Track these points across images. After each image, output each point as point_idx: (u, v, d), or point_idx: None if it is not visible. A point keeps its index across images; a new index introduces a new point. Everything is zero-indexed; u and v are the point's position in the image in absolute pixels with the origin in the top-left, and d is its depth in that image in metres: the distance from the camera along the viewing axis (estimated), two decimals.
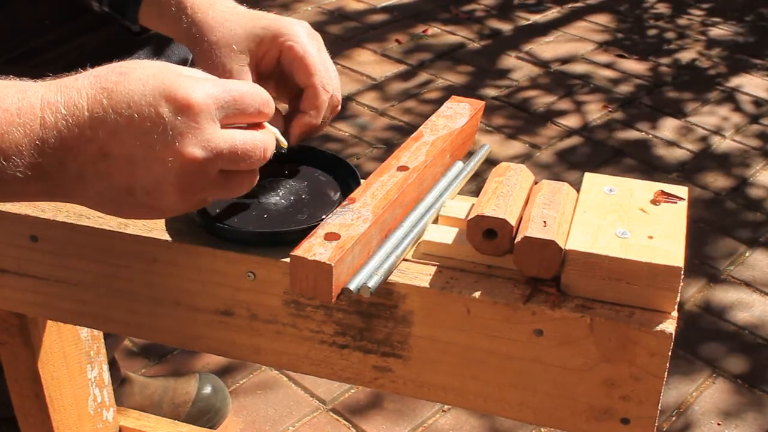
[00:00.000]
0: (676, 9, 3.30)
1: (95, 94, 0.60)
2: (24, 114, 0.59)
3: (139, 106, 0.59)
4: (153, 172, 0.60)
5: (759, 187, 2.25)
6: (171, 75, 0.62)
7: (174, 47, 1.08)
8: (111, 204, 0.63)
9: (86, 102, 0.60)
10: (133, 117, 0.59)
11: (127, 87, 0.60)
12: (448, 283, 0.68)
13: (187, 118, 0.60)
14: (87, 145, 0.59)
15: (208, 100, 0.61)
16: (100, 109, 0.59)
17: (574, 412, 0.69)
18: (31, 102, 0.59)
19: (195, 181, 0.62)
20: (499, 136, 2.43)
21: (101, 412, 1.09)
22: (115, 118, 0.59)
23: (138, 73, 0.61)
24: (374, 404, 1.57)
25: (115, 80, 0.60)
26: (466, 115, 0.82)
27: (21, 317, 0.92)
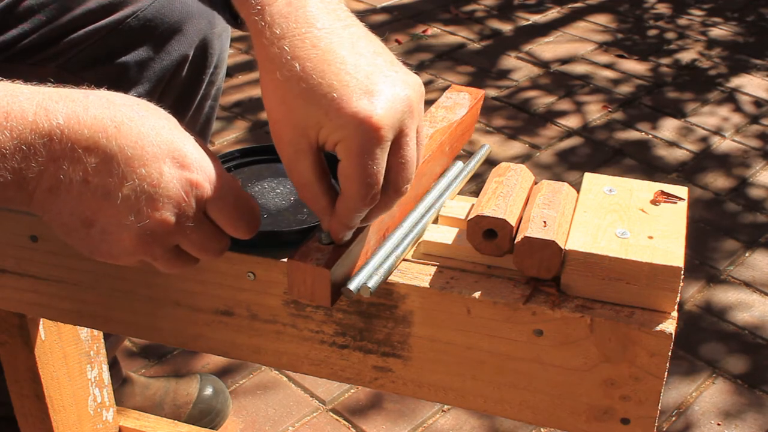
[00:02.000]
0: (677, 9, 3.30)
1: (104, 119, 0.58)
2: (12, 118, 0.57)
3: (145, 151, 0.58)
4: (122, 217, 0.59)
5: (759, 188, 2.25)
6: (186, 140, 0.61)
7: (174, 43, 1.08)
8: (62, 227, 0.61)
9: (91, 122, 0.58)
10: (133, 159, 0.58)
11: (140, 128, 0.59)
12: (448, 283, 0.68)
13: (181, 188, 0.59)
14: (73, 164, 0.58)
15: (207, 185, 0.60)
16: (103, 137, 0.58)
17: (574, 412, 0.69)
18: (23, 107, 0.58)
19: (152, 243, 0.60)
20: (500, 137, 2.43)
21: (101, 412, 1.09)
22: (116, 151, 0.58)
23: (154, 121, 0.60)
24: (374, 404, 1.57)
25: (130, 116, 0.59)
26: (466, 106, 0.81)
27: (21, 317, 0.92)
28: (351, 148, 0.59)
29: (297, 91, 0.60)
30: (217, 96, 1.22)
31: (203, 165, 0.61)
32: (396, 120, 0.60)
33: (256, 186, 0.77)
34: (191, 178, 0.60)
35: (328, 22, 0.61)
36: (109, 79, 1.06)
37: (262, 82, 0.63)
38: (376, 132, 0.59)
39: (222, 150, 2.25)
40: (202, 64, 1.13)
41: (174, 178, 0.59)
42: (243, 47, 2.85)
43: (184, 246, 0.62)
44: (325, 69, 0.60)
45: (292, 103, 0.60)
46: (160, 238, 0.60)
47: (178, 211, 0.59)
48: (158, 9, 1.06)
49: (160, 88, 1.09)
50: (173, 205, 0.59)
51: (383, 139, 0.59)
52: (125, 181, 0.58)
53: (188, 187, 0.60)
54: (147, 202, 0.58)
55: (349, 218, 0.62)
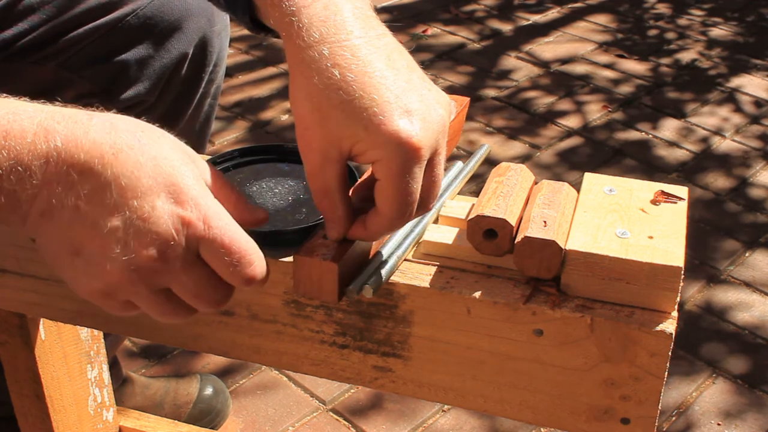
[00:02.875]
0: (677, 9, 3.30)
1: (103, 145, 0.56)
2: (11, 137, 0.55)
3: (140, 183, 0.56)
4: (109, 249, 0.56)
5: (759, 188, 2.25)
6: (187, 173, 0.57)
7: (174, 41, 1.08)
8: (50, 254, 0.59)
9: (89, 146, 0.56)
10: (127, 190, 0.55)
11: (138, 157, 0.56)
12: (449, 283, 0.68)
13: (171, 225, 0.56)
14: (66, 189, 0.56)
15: (200, 225, 0.57)
16: (99, 163, 0.55)
17: (574, 412, 0.69)
18: (23, 126, 0.56)
19: (136, 281, 0.57)
20: (500, 137, 2.43)
21: (101, 412, 1.09)
22: (110, 179, 0.55)
23: (156, 150, 0.57)
24: (374, 404, 1.57)
25: (131, 143, 0.56)
26: (453, 112, 0.82)
27: (21, 317, 0.92)
28: (391, 168, 0.59)
29: (336, 101, 0.59)
30: (217, 94, 1.22)
31: (200, 203, 0.57)
32: (433, 140, 0.60)
33: (255, 186, 0.77)
34: (184, 215, 0.56)
35: (364, 31, 0.61)
36: (109, 78, 1.06)
37: (293, 86, 0.61)
38: (416, 152, 0.59)
39: (222, 150, 2.25)
40: (201, 63, 1.13)
41: (166, 214, 0.56)
42: (243, 47, 2.85)
43: (175, 290, 0.59)
44: (365, 81, 0.59)
45: (330, 112, 0.59)
46: (145, 276, 0.57)
47: (166, 250, 0.56)
48: (158, 7, 1.06)
49: (159, 86, 1.09)
50: (161, 242, 0.56)
51: (422, 159, 0.59)
52: (116, 212, 0.55)
53: (179, 225, 0.56)
54: (135, 235, 0.56)
55: (378, 234, 0.63)
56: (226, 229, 0.58)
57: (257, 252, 0.59)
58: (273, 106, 2.53)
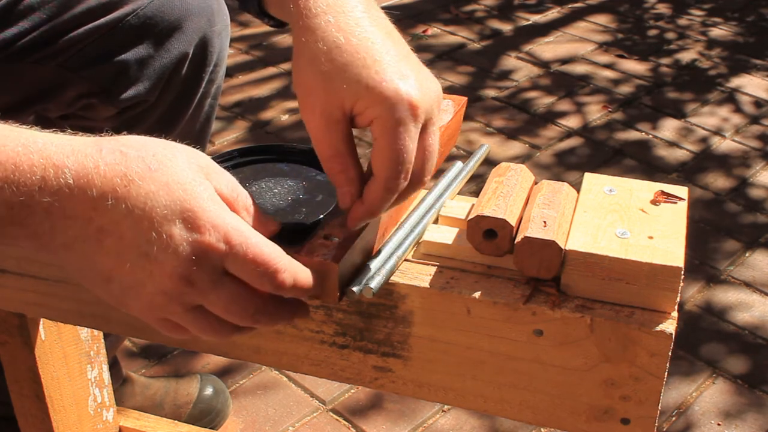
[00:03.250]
0: (677, 9, 3.30)
1: (113, 179, 0.56)
2: (20, 172, 0.55)
3: (154, 212, 0.56)
4: (137, 276, 0.57)
5: (759, 188, 2.25)
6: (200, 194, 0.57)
7: (174, 41, 1.07)
8: (84, 280, 0.60)
9: (100, 182, 0.56)
10: (143, 221, 0.56)
11: (150, 186, 0.56)
12: (448, 283, 0.68)
13: (191, 252, 0.56)
14: (84, 224, 0.56)
15: (222, 246, 0.57)
16: (113, 197, 0.56)
17: (574, 412, 0.69)
18: (32, 160, 0.55)
19: (169, 302, 0.58)
20: (500, 137, 2.43)
21: (101, 412, 1.09)
22: (125, 213, 0.56)
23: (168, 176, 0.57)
24: (374, 404, 1.57)
25: (142, 173, 0.56)
26: (450, 112, 0.82)
27: (21, 317, 0.91)
28: (389, 122, 0.61)
29: (340, 62, 0.62)
30: (217, 94, 1.22)
31: (217, 223, 0.57)
32: (428, 105, 0.63)
33: (254, 186, 0.77)
34: (203, 240, 0.56)
35: (367, 8, 0.65)
36: (109, 77, 1.06)
37: (297, 55, 0.64)
38: (414, 109, 0.61)
39: (222, 150, 2.25)
40: (201, 62, 1.13)
41: (184, 242, 0.56)
42: (243, 47, 2.85)
43: (208, 307, 0.59)
44: (368, 46, 0.62)
45: (333, 72, 0.62)
46: (177, 298, 0.58)
47: (189, 275, 0.57)
48: (158, 7, 1.05)
49: (160, 86, 1.09)
50: (184, 268, 0.56)
51: (418, 117, 0.62)
52: (135, 244, 0.56)
53: (199, 251, 0.57)
54: (157, 265, 0.56)
55: (376, 203, 0.63)
56: (247, 243, 0.58)
57: (283, 257, 0.59)
58: (273, 106, 2.53)
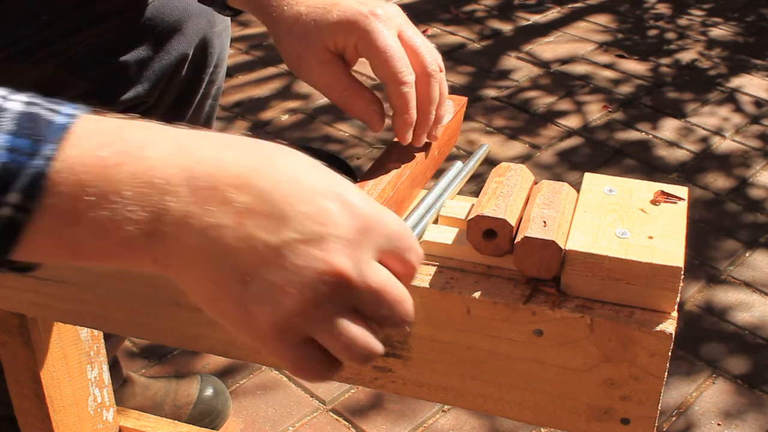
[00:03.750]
0: (677, 9, 3.30)
1: (250, 156, 0.50)
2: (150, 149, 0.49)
3: (304, 185, 0.50)
4: (284, 265, 0.48)
5: (759, 188, 2.25)
6: (340, 177, 0.52)
7: (174, 42, 1.08)
8: (208, 286, 0.50)
9: (237, 158, 0.50)
10: (292, 195, 0.49)
11: (293, 162, 0.51)
12: (448, 283, 0.68)
13: (353, 226, 0.50)
14: (222, 206, 0.48)
15: (378, 218, 0.51)
16: (254, 173, 0.49)
17: (574, 412, 0.69)
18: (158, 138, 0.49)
19: (323, 301, 0.49)
20: (500, 137, 2.43)
21: (101, 413, 1.09)
22: (270, 188, 0.49)
23: (303, 157, 0.52)
24: (374, 404, 1.57)
25: (278, 151, 0.51)
26: (451, 112, 0.82)
27: (21, 317, 0.92)
28: (365, 38, 0.74)
29: (313, 16, 0.75)
30: (218, 95, 1.22)
31: (370, 204, 0.52)
32: (392, 14, 0.76)
33: None
34: (363, 215, 0.51)
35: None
36: (109, 78, 1.06)
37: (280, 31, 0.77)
38: (378, 17, 0.74)
39: None
40: (202, 63, 1.13)
41: (343, 215, 0.50)
42: (243, 47, 2.85)
43: (363, 302, 0.51)
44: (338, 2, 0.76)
45: (309, 26, 0.75)
46: (333, 290, 0.49)
47: (354, 256, 0.50)
48: (158, 8, 1.06)
49: (159, 87, 1.09)
50: (348, 248, 0.50)
51: (387, 22, 0.74)
52: (287, 222, 0.48)
53: (360, 227, 0.50)
54: (316, 243, 0.49)
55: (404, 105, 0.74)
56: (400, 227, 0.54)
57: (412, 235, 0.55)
58: (273, 106, 2.53)
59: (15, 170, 0.47)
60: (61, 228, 0.48)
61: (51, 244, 0.49)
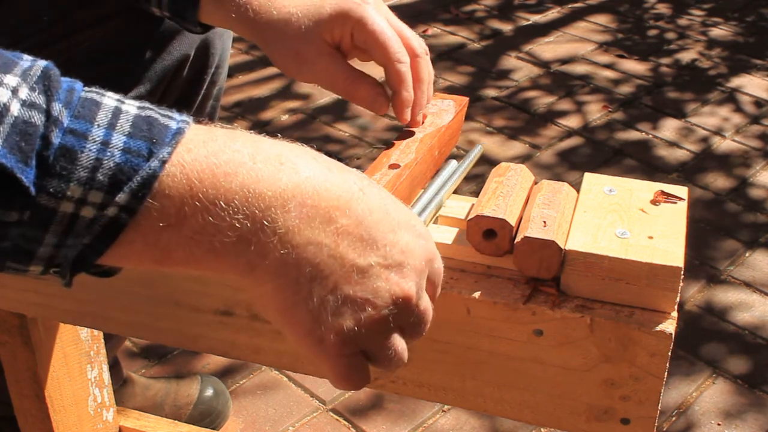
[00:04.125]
0: (677, 9, 3.30)
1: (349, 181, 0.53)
2: (260, 160, 0.50)
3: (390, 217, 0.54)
4: (367, 286, 0.52)
5: (759, 188, 2.25)
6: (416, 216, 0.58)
7: (175, 44, 1.07)
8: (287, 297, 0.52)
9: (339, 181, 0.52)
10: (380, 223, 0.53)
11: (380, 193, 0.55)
12: (448, 283, 0.68)
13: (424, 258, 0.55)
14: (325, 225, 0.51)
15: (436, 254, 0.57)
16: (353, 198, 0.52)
17: (574, 412, 0.69)
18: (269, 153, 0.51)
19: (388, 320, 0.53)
20: (500, 137, 2.43)
21: (101, 412, 1.09)
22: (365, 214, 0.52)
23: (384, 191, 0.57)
24: (374, 404, 1.57)
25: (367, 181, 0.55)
26: (452, 112, 0.82)
27: (21, 317, 0.92)
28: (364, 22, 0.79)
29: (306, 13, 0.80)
30: (219, 96, 1.22)
31: (431, 239, 0.58)
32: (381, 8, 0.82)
33: None
34: (429, 248, 0.56)
35: None
36: (110, 80, 1.06)
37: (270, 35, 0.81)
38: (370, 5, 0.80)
39: None
40: (203, 64, 1.13)
41: (418, 247, 0.55)
42: (243, 47, 2.85)
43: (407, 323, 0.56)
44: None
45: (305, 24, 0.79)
46: (398, 313, 0.54)
47: (418, 283, 0.55)
48: None
49: (161, 88, 1.09)
50: (416, 274, 0.54)
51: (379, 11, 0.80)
52: (374, 247, 0.53)
53: (427, 258, 0.56)
54: (396, 270, 0.53)
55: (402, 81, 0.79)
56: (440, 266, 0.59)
57: None
58: (273, 106, 2.53)
59: (128, 171, 0.47)
60: (161, 231, 0.49)
61: (146, 247, 0.50)
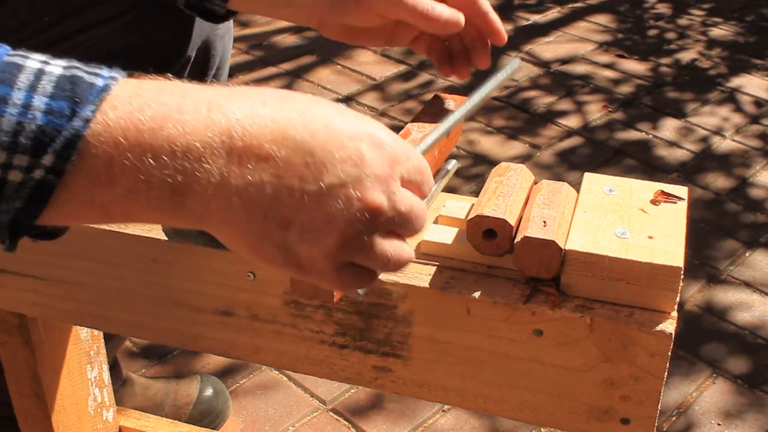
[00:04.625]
0: (677, 9, 3.30)
1: (284, 109, 0.52)
2: (186, 111, 0.50)
3: (338, 132, 0.52)
4: (325, 210, 0.52)
5: (759, 188, 2.25)
6: (373, 122, 0.56)
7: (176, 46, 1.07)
8: (250, 237, 0.53)
9: (272, 114, 0.51)
10: (329, 141, 0.52)
11: (325, 111, 0.53)
12: (448, 283, 0.68)
13: (383, 162, 0.53)
14: (261, 162, 0.50)
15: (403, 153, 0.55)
16: (290, 126, 0.51)
17: (574, 412, 0.69)
18: (196, 101, 0.51)
19: (360, 234, 0.53)
20: (500, 137, 2.43)
21: (101, 412, 1.09)
22: (307, 138, 0.51)
23: (333, 105, 0.55)
24: (374, 404, 1.57)
25: (310, 101, 0.54)
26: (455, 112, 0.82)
27: (21, 317, 0.92)
28: None
29: None
30: None
31: (396, 139, 0.56)
32: None
33: None
34: (391, 151, 0.54)
35: None
36: None
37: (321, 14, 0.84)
38: None
39: None
40: (204, 65, 1.13)
41: (375, 155, 0.53)
42: (243, 47, 2.85)
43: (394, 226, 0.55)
44: None
45: None
46: (369, 223, 0.53)
47: (386, 189, 0.53)
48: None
49: None
50: (381, 183, 0.53)
51: None
52: (324, 168, 0.51)
53: (390, 161, 0.54)
54: (354, 184, 0.52)
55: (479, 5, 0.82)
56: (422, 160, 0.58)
57: None
58: None
59: (51, 133, 0.47)
60: (93, 190, 0.49)
61: (82, 207, 0.50)
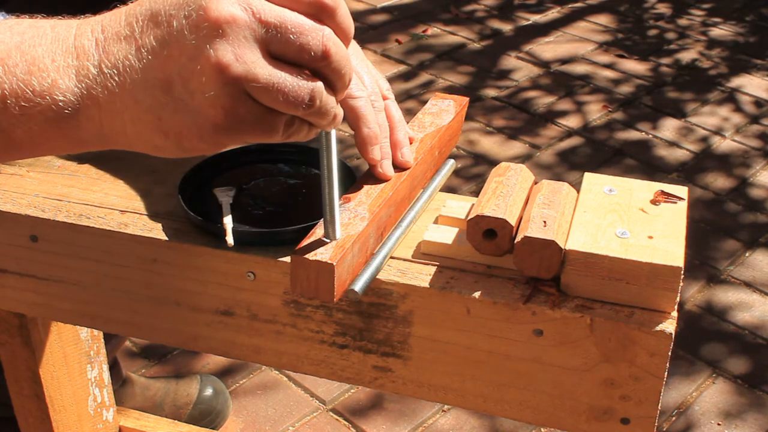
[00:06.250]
0: (677, 9, 3.30)
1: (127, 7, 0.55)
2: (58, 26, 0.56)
3: None
4: (186, 51, 0.52)
5: (759, 188, 2.25)
6: None
7: None
8: (147, 117, 0.54)
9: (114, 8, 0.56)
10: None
11: None
12: (448, 283, 0.68)
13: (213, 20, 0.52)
14: (119, 43, 0.54)
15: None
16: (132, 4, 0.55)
17: (574, 412, 0.69)
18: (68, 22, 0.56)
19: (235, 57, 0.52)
20: (500, 137, 2.43)
21: (101, 412, 1.09)
22: (151, 3, 0.54)
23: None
24: (374, 404, 1.57)
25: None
26: (452, 112, 0.82)
27: (21, 317, 0.92)
28: None
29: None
30: None
31: None
32: None
33: (252, 185, 0.77)
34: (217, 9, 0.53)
35: None
36: None
37: None
38: None
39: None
40: None
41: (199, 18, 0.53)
42: None
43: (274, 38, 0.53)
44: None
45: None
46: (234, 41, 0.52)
47: (241, 2, 0.53)
48: None
49: None
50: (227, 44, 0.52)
51: None
52: (172, 18, 0.53)
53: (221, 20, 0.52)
54: (198, 10, 0.52)
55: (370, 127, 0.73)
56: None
57: None
58: None
59: None
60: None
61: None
